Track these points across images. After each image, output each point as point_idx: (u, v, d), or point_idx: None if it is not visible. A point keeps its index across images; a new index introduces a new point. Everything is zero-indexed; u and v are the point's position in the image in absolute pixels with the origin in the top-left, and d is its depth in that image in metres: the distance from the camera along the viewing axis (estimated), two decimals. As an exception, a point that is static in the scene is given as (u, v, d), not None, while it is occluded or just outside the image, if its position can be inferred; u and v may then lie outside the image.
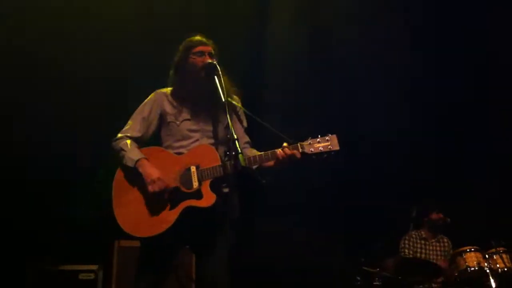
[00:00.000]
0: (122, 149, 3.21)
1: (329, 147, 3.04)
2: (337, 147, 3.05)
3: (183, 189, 3.09)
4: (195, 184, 3.07)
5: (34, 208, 5.74)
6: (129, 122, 3.35)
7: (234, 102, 3.33)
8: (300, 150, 3.07)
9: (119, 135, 3.30)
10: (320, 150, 3.05)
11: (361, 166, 6.59)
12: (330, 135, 3.07)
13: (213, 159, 3.12)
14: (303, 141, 3.09)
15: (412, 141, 6.65)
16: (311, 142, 3.07)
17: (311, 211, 6.63)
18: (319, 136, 3.07)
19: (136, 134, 3.30)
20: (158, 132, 3.38)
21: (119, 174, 3.24)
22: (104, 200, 3.25)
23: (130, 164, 3.14)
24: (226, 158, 3.09)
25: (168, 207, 3.08)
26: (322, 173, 5.97)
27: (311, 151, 3.06)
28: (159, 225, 3.04)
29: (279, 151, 3.06)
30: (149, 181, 3.06)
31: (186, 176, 3.10)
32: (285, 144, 3.08)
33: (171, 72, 3.43)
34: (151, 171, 3.10)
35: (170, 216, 3.05)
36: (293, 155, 3.05)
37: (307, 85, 6.45)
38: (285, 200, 6.49)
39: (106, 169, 3.41)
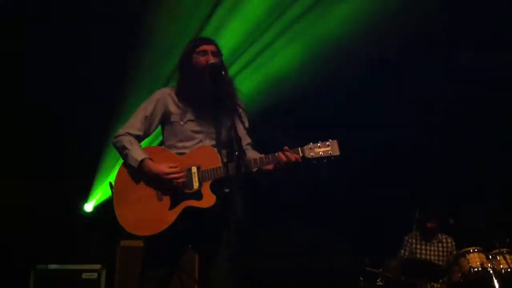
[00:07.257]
0: (125, 147, 3.14)
1: (329, 152, 3.00)
2: (337, 152, 3.01)
3: (184, 189, 3.08)
4: (196, 185, 3.05)
5: (37, 208, 5.77)
6: (131, 119, 3.27)
7: (236, 103, 3.27)
8: (301, 154, 3.04)
9: (120, 131, 3.23)
10: (321, 155, 3.01)
11: (364, 166, 6.57)
12: (330, 140, 3.03)
13: (214, 160, 3.09)
14: (303, 145, 3.06)
15: (415, 142, 6.63)
16: (311, 147, 3.03)
17: (314, 212, 6.63)
18: (320, 141, 3.04)
19: (137, 132, 3.23)
20: (160, 130, 3.34)
21: (122, 172, 3.18)
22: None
23: (134, 164, 3.10)
24: (227, 159, 3.07)
25: (168, 207, 3.06)
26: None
27: (312, 155, 3.02)
28: (159, 224, 3.02)
29: (279, 154, 3.02)
30: (165, 177, 3.02)
31: (186, 177, 3.08)
32: (285, 148, 3.04)
33: (176, 71, 3.38)
34: (161, 168, 3.05)
35: (169, 216, 3.03)
36: (293, 159, 3.01)
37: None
38: (289, 201, 6.49)
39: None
